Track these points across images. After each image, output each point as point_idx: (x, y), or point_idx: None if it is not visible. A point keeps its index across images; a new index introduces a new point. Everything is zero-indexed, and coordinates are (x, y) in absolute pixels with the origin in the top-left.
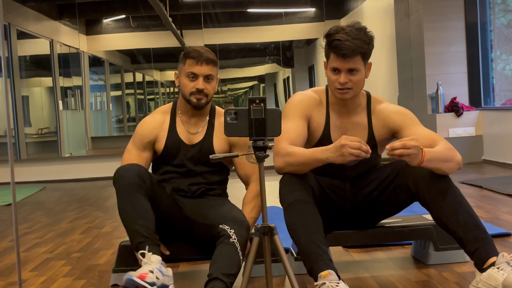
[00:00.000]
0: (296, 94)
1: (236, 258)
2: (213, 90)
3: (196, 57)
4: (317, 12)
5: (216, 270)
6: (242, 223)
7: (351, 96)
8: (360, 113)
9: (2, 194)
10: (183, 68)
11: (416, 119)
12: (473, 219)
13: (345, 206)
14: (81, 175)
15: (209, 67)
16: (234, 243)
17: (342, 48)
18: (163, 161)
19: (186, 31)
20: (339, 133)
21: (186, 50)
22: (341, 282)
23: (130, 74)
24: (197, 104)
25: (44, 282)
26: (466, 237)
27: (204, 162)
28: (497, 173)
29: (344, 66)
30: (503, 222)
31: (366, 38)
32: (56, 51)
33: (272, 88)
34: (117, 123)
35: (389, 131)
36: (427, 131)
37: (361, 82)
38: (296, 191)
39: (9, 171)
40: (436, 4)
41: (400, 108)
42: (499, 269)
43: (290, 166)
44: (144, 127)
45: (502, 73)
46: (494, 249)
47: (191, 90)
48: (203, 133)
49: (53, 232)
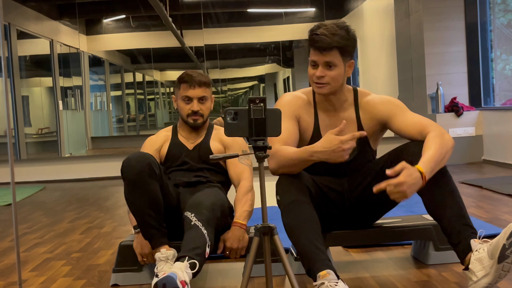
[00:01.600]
0: (284, 95)
1: (198, 233)
2: (208, 110)
3: (189, 81)
4: (317, 12)
5: (182, 251)
6: (199, 204)
7: (328, 91)
8: (348, 109)
9: (2, 194)
10: (179, 92)
11: (403, 106)
12: (461, 210)
13: (343, 203)
14: (81, 175)
15: (201, 89)
16: (195, 225)
17: (319, 41)
18: (166, 164)
19: (186, 31)
20: (328, 130)
21: (181, 75)
22: (340, 282)
23: (130, 74)
24: (194, 125)
25: (44, 282)
26: (451, 228)
27: (204, 160)
28: (497, 173)
29: (320, 59)
30: (503, 222)
31: (345, 35)
32: (56, 51)
33: (272, 88)
34: (117, 123)
35: (377, 122)
36: (416, 117)
37: (339, 78)
38: (292, 192)
39: (9, 171)
40: (436, 4)
41: (386, 98)
42: (478, 251)
43: (282, 167)
44: (152, 139)
45: (502, 73)
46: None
47: (187, 112)
48: (202, 140)
49: (53, 232)
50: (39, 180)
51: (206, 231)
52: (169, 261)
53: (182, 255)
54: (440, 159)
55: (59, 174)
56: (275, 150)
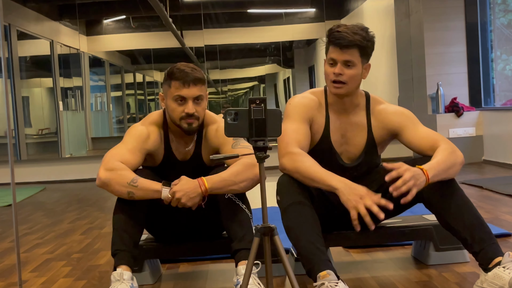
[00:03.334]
0: (295, 97)
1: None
2: (204, 111)
3: (182, 78)
4: (317, 12)
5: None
6: None
7: (345, 92)
8: (359, 114)
9: (2, 195)
10: (169, 91)
11: (415, 118)
12: (478, 219)
13: (346, 208)
14: (81, 175)
15: (197, 87)
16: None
17: (340, 38)
18: (158, 174)
19: (187, 31)
20: (338, 135)
21: (170, 70)
22: (340, 282)
23: (131, 74)
24: (189, 129)
25: (44, 282)
26: (471, 237)
27: (198, 177)
28: (497, 173)
29: (340, 57)
30: (503, 222)
31: (366, 36)
32: (56, 52)
33: (272, 89)
34: (118, 124)
35: (388, 132)
36: (427, 132)
37: (357, 78)
38: (293, 193)
39: (10, 172)
40: (436, 5)
41: (399, 109)
42: (505, 268)
43: (299, 174)
44: (143, 135)
45: (502, 73)
46: (499, 249)
47: (180, 115)
48: (193, 148)
49: (53, 233)
50: (40, 180)
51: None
52: (124, 281)
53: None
54: (447, 167)
55: (59, 175)
56: (296, 153)
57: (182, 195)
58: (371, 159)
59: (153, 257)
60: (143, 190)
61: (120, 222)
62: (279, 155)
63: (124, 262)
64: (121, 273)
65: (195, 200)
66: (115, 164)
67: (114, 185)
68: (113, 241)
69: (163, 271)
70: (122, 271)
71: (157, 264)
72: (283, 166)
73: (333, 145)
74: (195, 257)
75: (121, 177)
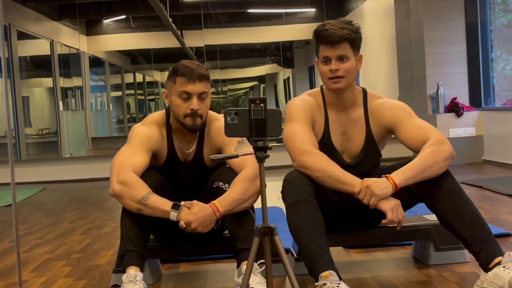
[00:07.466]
0: (295, 99)
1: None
2: (207, 108)
3: (188, 75)
4: (317, 12)
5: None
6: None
7: (344, 86)
8: (357, 110)
9: (2, 195)
10: (174, 87)
11: (410, 111)
12: (479, 219)
13: (348, 207)
14: (81, 175)
15: (202, 84)
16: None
17: (330, 36)
18: (161, 173)
19: (187, 31)
20: (339, 133)
21: (175, 66)
22: (342, 283)
23: (131, 74)
24: (193, 127)
25: (44, 282)
26: (471, 237)
27: (199, 178)
28: (497, 173)
29: (333, 53)
30: (503, 222)
31: (353, 28)
32: (56, 52)
33: (272, 89)
34: (118, 123)
35: (384, 128)
36: (419, 128)
37: (353, 71)
38: (299, 190)
39: (10, 172)
40: (436, 5)
41: (393, 103)
42: (505, 268)
43: (323, 171)
44: (147, 134)
45: (502, 73)
46: (499, 249)
47: (185, 111)
48: (195, 148)
49: (53, 233)
50: (40, 180)
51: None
52: (137, 282)
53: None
54: (423, 168)
55: (59, 175)
56: (317, 153)
57: (198, 225)
58: (371, 156)
59: (153, 257)
60: (152, 209)
61: (129, 223)
62: (295, 153)
63: (134, 263)
64: (135, 274)
65: (210, 226)
66: (128, 177)
67: (126, 199)
68: (122, 242)
69: (163, 271)
70: (136, 272)
71: (157, 264)
72: (304, 163)
73: (334, 145)
74: (195, 257)
75: (133, 193)
